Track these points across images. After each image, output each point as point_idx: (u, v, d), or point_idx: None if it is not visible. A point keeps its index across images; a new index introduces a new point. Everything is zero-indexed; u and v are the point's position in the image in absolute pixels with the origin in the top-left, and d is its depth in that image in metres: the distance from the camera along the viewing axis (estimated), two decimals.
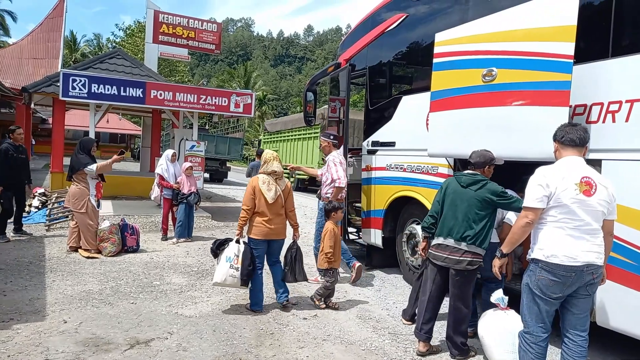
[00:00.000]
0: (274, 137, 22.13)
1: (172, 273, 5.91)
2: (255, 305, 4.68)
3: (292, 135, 19.76)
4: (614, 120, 3.50)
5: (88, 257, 6.34)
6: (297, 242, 4.92)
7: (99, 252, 6.55)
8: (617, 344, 4.04)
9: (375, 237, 6.45)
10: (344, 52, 7.24)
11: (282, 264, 4.89)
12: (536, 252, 2.92)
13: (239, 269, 4.49)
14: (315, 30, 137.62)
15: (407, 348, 4.00)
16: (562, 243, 2.81)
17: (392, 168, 6.03)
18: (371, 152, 6.54)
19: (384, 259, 6.68)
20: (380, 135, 6.36)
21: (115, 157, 6.59)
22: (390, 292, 5.66)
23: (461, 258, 3.66)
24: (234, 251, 4.55)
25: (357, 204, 7.17)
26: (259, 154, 14.59)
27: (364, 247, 7.09)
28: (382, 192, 6.27)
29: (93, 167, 6.42)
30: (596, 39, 3.73)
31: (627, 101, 3.41)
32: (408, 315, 4.58)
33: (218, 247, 4.67)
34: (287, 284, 4.89)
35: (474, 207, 3.66)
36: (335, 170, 5.73)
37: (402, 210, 6.07)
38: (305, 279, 5.04)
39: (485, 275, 4.08)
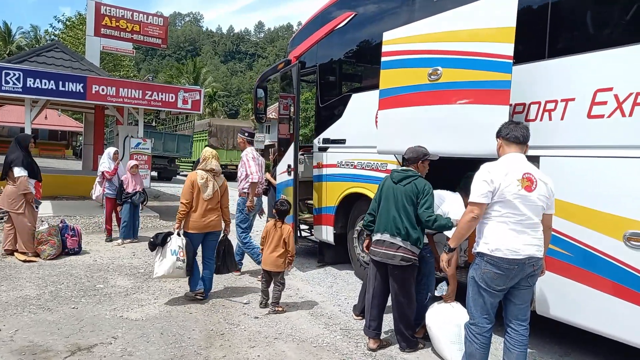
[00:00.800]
0: (195, 137, 25.91)
1: (117, 275, 5.69)
2: (196, 285, 4.89)
3: (197, 137, 25.40)
4: (550, 119, 3.67)
5: (25, 261, 6.00)
6: (228, 236, 5.20)
7: (37, 255, 6.21)
8: (552, 331, 4.26)
9: (327, 233, 6.48)
10: (294, 49, 7.21)
11: (215, 258, 5.10)
12: (481, 246, 3.01)
13: (185, 260, 4.66)
14: (267, 27, 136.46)
15: (359, 343, 4.05)
16: (505, 237, 2.91)
17: (343, 165, 6.08)
18: (322, 150, 6.56)
19: (336, 256, 6.72)
20: (331, 132, 6.39)
21: (34, 196, 6.22)
22: (342, 288, 5.70)
23: (396, 253, 3.72)
24: (178, 244, 4.67)
25: (309, 201, 7.18)
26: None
27: (316, 244, 7.11)
28: (333, 189, 6.31)
29: (22, 173, 6.02)
30: (534, 41, 3.90)
31: (562, 100, 3.59)
32: (358, 310, 4.63)
33: (162, 241, 4.72)
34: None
35: (404, 202, 3.73)
36: (248, 165, 5.89)
37: (353, 206, 6.13)
38: (236, 268, 5.51)
39: None
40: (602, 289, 3.35)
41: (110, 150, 7.85)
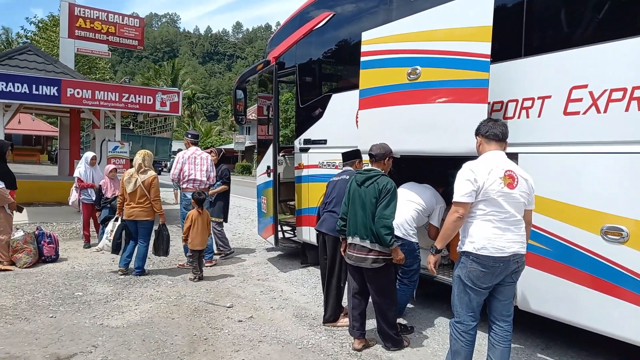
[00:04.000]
0: None
1: (97, 282, 5.57)
2: (120, 262, 5.98)
3: None
4: (528, 116, 3.73)
5: (0, 270, 5.82)
6: (164, 225, 6.00)
7: (13, 263, 6.04)
8: (533, 324, 4.33)
9: (310, 234, 6.45)
10: (273, 50, 7.17)
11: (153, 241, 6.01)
12: (467, 245, 3.01)
13: (111, 240, 5.86)
14: (245, 27, 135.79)
15: (344, 343, 4.04)
16: (490, 235, 2.92)
17: (325, 165, 6.06)
18: (303, 150, 6.54)
19: (319, 256, 6.69)
20: (311, 133, 6.37)
21: (14, 205, 6.18)
22: None
23: (367, 256, 3.68)
24: (109, 227, 5.95)
25: (291, 202, 7.15)
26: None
27: (299, 245, 7.08)
28: (315, 189, 6.29)
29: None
30: (510, 39, 3.95)
31: (539, 98, 3.65)
32: (328, 314, 4.47)
33: (102, 222, 6.35)
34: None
35: (369, 203, 3.68)
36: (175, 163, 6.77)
37: None
38: (165, 254, 6.11)
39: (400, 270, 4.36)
40: (581, 282, 3.42)
41: (88, 155, 7.70)
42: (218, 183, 7.01)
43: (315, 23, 6.27)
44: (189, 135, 6.99)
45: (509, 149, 3.32)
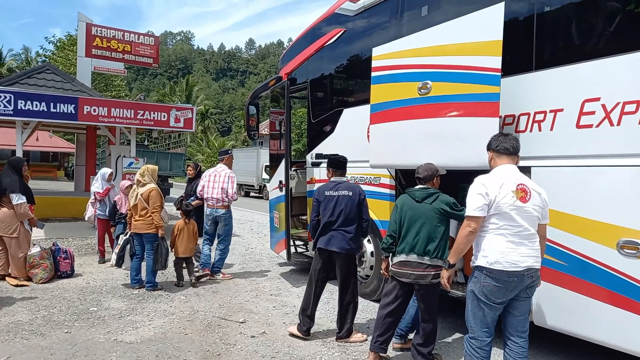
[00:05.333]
0: None
1: (111, 297, 5.61)
2: (131, 283, 6.05)
3: None
4: (540, 129, 3.71)
5: (17, 286, 5.90)
6: (163, 238, 5.97)
7: (29, 279, 6.12)
8: (550, 340, 4.24)
9: None
10: (284, 66, 7.26)
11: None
12: (480, 260, 2.98)
13: (116, 253, 6.21)
14: (257, 43, 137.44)
15: (357, 359, 4.00)
16: (504, 250, 2.89)
17: None
18: (315, 165, 6.57)
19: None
20: (323, 147, 6.40)
21: (34, 221, 6.40)
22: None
23: (425, 272, 3.66)
24: (118, 242, 6.27)
25: (303, 217, 7.15)
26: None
27: (311, 260, 7.05)
28: None
29: (21, 199, 6.00)
30: (521, 53, 3.96)
31: (551, 111, 3.64)
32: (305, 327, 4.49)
33: (117, 238, 6.67)
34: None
35: (433, 220, 3.67)
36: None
37: None
38: (162, 268, 6.06)
39: None
40: (597, 297, 3.36)
41: (105, 171, 7.80)
42: (192, 198, 6.94)
43: (327, 39, 6.34)
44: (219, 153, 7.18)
45: (522, 163, 3.31)
